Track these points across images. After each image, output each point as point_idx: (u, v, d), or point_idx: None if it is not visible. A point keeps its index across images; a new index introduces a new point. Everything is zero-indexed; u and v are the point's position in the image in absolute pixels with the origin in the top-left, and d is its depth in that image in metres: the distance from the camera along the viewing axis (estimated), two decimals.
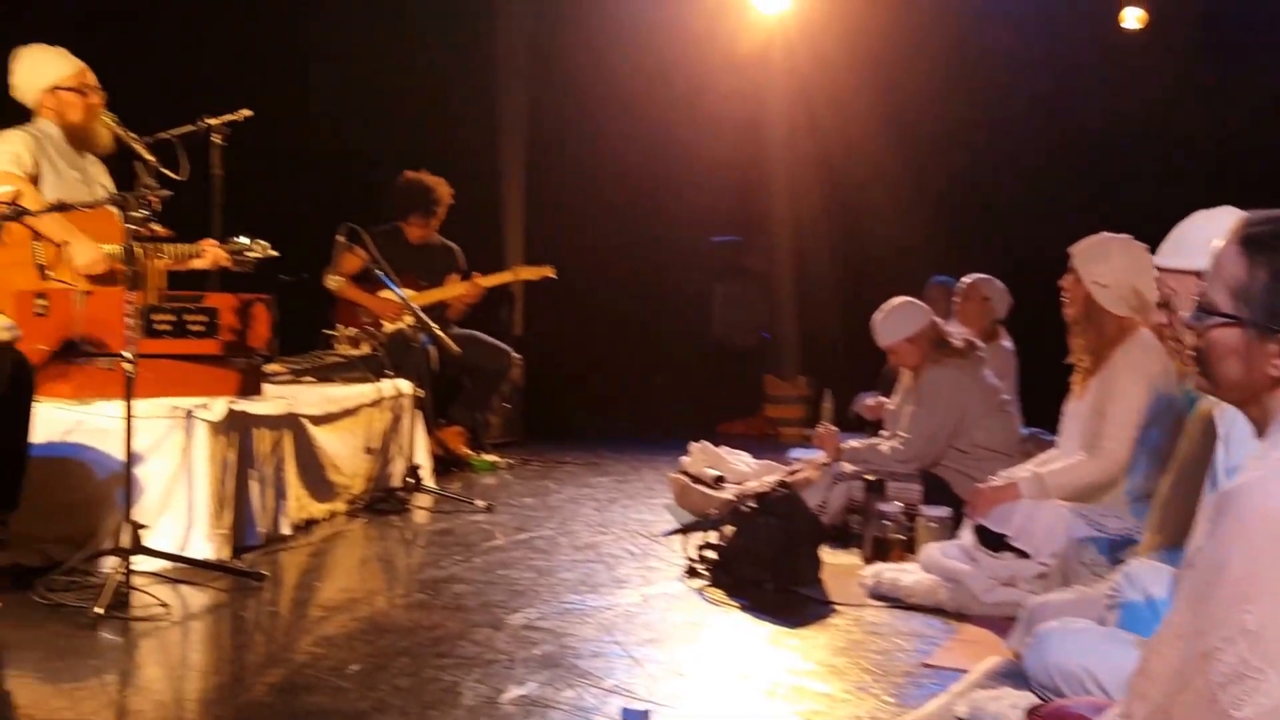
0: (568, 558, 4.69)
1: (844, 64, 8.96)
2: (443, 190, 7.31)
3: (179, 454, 4.30)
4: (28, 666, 3.22)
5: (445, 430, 7.24)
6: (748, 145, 9.45)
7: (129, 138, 4.60)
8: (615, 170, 9.39)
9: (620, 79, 9.10)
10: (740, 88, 9.20)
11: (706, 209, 9.66)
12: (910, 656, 3.46)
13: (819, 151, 9.36)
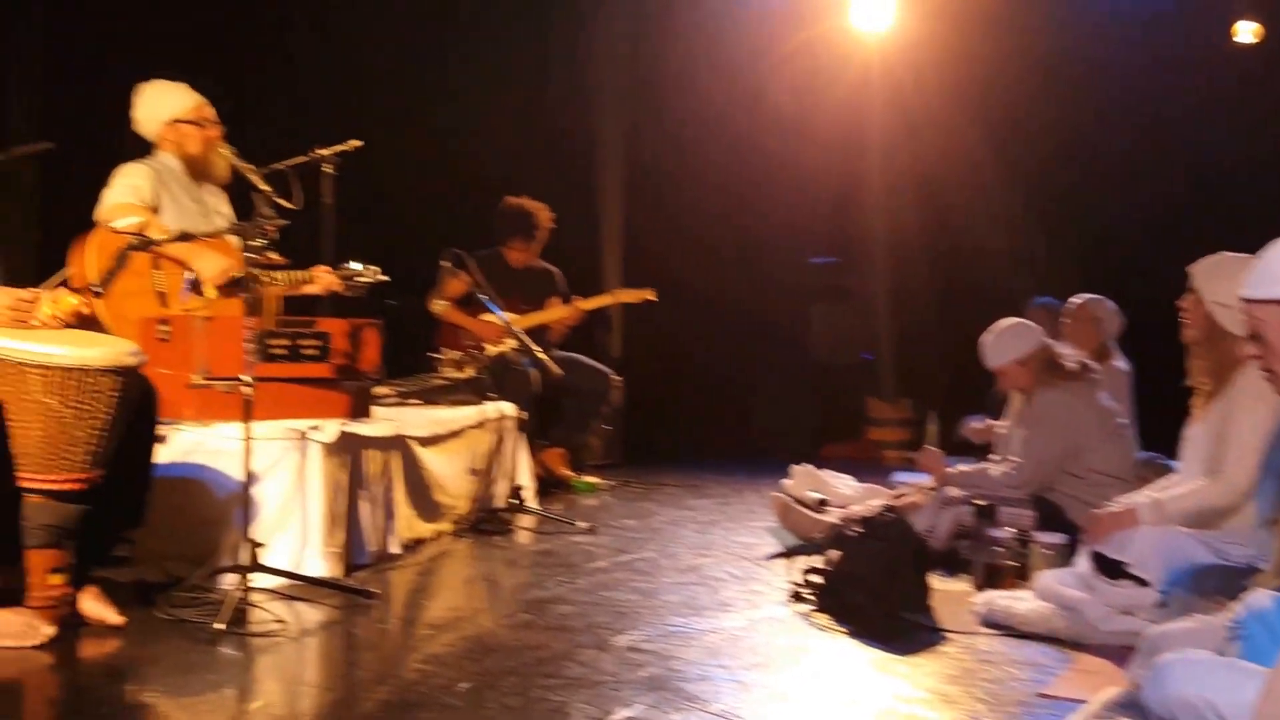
0: (671, 580, 4.71)
1: (944, 83, 8.90)
2: (543, 215, 7.42)
3: (294, 474, 4.42)
4: (152, 680, 3.32)
5: (547, 452, 7.32)
6: (846, 166, 9.43)
7: (245, 168, 4.74)
8: (713, 193, 9.42)
9: (717, 103, 9.13)
10: (839, 108, 9.19)
11: (805, 230, 9.68)
12: (1025, 686, 3.43)
13: (919, 171, 9.32)
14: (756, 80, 9.09)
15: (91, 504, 3.66)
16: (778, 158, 9.23)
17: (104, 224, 4.83)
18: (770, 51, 8.96)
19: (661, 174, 9.44)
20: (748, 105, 9.12)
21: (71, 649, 3.54)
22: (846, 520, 4.59)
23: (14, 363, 3.48)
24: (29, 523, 3.55)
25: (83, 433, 3.56)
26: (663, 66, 9.38)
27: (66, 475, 3.57)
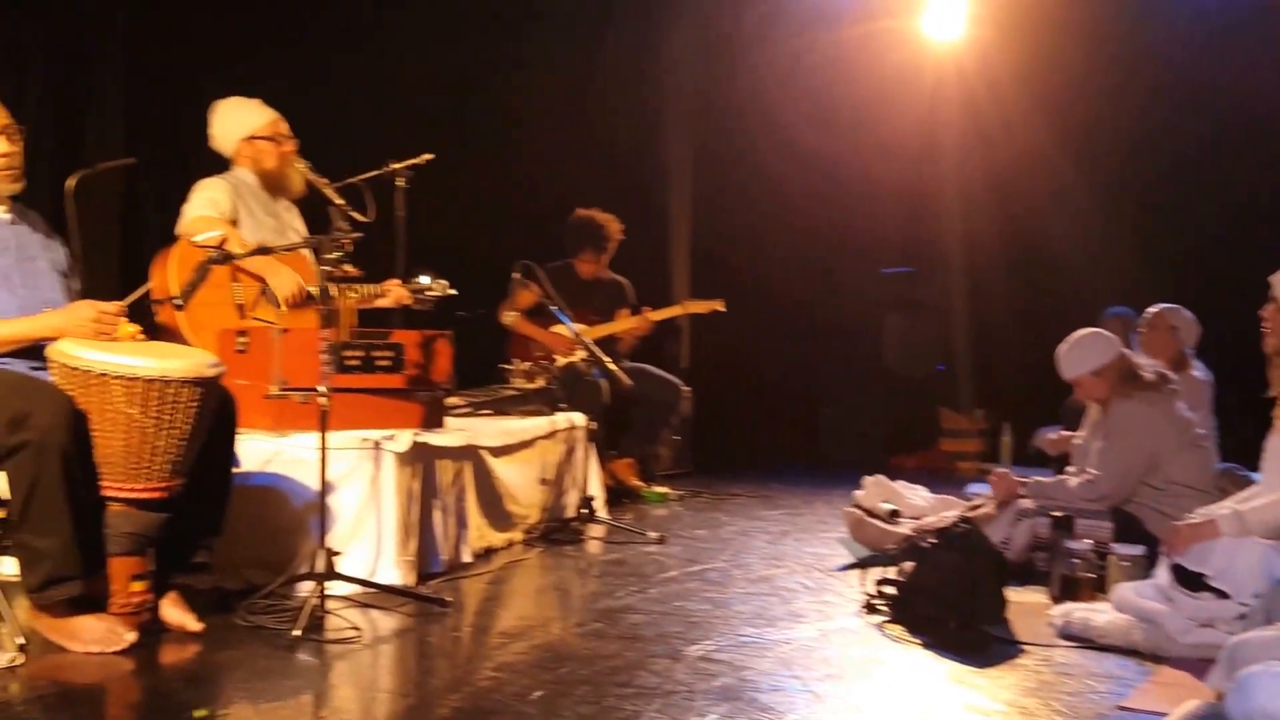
0: (742, 590, 4.72)
1: (1018, 89, 8.84)
2: (613, 227, 7.47)
3: (368, 484, 4.49)
4: (230, 686, 3.38)
5: (616, 462, 7.36)
6: (919, 175, 9.38)
7: (320, 183, 4.82)
8: (783, 203, 9.42)
9: (788, 111, 9.13)
10: (911, 117, 9.15)
11: (877, 240, 9.64)
12: (1104, 699, 3.40)
13: (993, 180, 9.25)
14: (827, 90, 9.07)
15: (172, 512, 3.75)
16: (849, 167, 9.20)
17: (185, 238, 4.94)
18: (841, 60, 8.95)
19: (730, 184, 9.46)
20: (818, 115, 9.11)
21: (152, 654, 3.62)
22: (920, 531, 4.58)
23: (98, 374, 3.57)
24: (112, 530, 3.64)
25: (164, 442, 3.64)
26: (732, 78, 9.40)
27: (148, 484, 3.66)
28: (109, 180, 6.13)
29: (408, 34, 8.03)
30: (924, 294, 9.93)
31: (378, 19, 7.92)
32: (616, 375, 5.93)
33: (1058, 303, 8.63)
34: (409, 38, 8.03)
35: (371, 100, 7.83)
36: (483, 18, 8.44)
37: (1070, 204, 8.91)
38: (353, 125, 7.39)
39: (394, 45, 7.98)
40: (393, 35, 7.98)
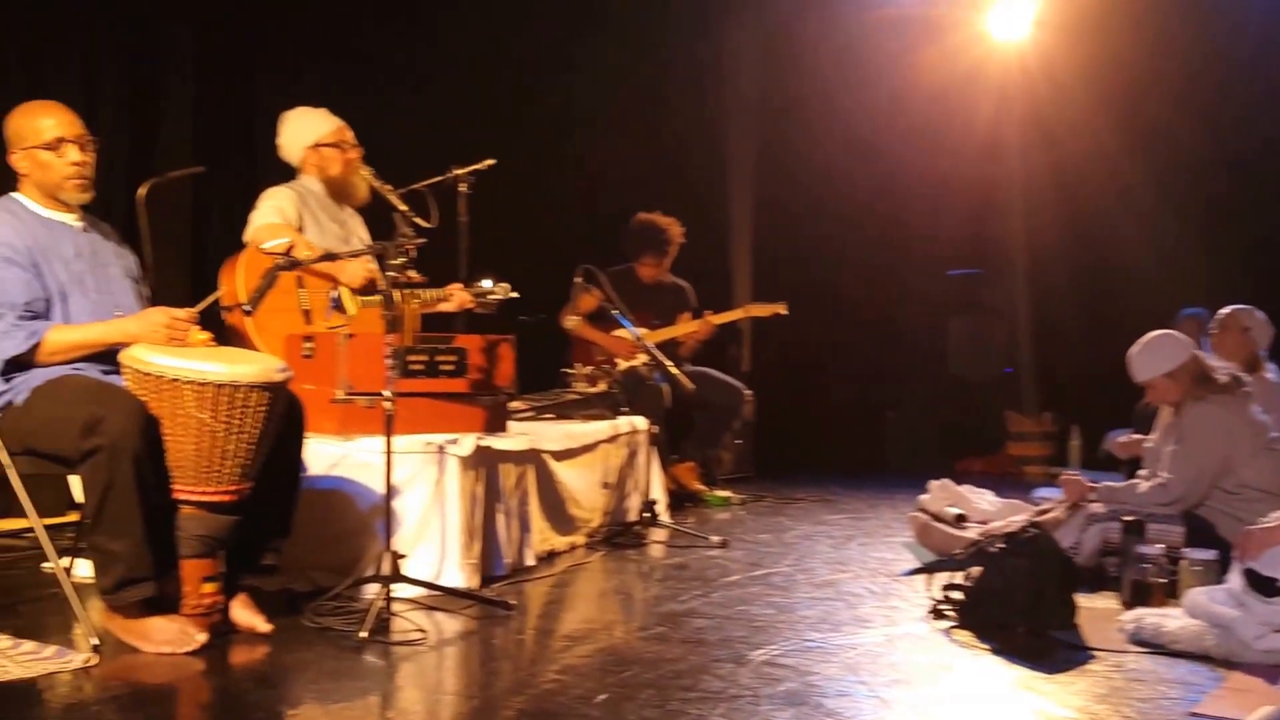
0: (807, 595, 4.70)
1: (1084, 89, 8.76)
2: (674, 230, 7.48)
3: (432, 487, 4.53)
4: (299, 686, 3.43)
5: (678, 466, 7.38)
6: (984, 176, 9.32)
7: (384, 189, 4.88)
8: (846, 205, 9.39)
9: (850, 114, 9.11)
10: (976, 118, 9.10)
11: (942, 242, 9.58)
12: (1177, 705, 3.36)
13: (1058, 180, 9.17)
14: (890, 91, 9.04)
15: (242, 515, 3.80)
16: (914, 168, 9.17)
17: (252, 245, 5.02)
18: (904, 62, 8.91)
19: (792, 186, 9.44)
20: (882, 116, 9.08)
21: (223, 655, 3.68)
22: (987, 536, 4.54)
23: (169, 379, 3.63)
24: (183, 533, 3.71)
25: (233, 446, 3.70)
26: (794, 77, 9.38)
27: (218, 487, 3.72)
28: (179, 189, 6.24)
29: (468, 39, 8.10)
30: (990, 296, 9.86)
31: (439, 25, 7.98)
32: (678, 379, 5.94)
33: (1126, 304, 8.56)
34: (469, 43, 8.09)
35: (432, 106, 7.89)
36: (542, 20, 8.48)
37: (1137, 204, 8.81)
38: (414, 131, 7.46)
39: (455, 50, 8.04)
40: (453, 41, 8.04)
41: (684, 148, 9.17)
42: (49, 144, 3.93)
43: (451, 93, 8.02)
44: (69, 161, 3.95)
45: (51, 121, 3.95)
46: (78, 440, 3.51)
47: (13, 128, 3.98)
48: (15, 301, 3.77)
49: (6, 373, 3.76)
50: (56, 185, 3.96)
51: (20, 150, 3.96)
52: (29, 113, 3.99)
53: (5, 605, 4.21)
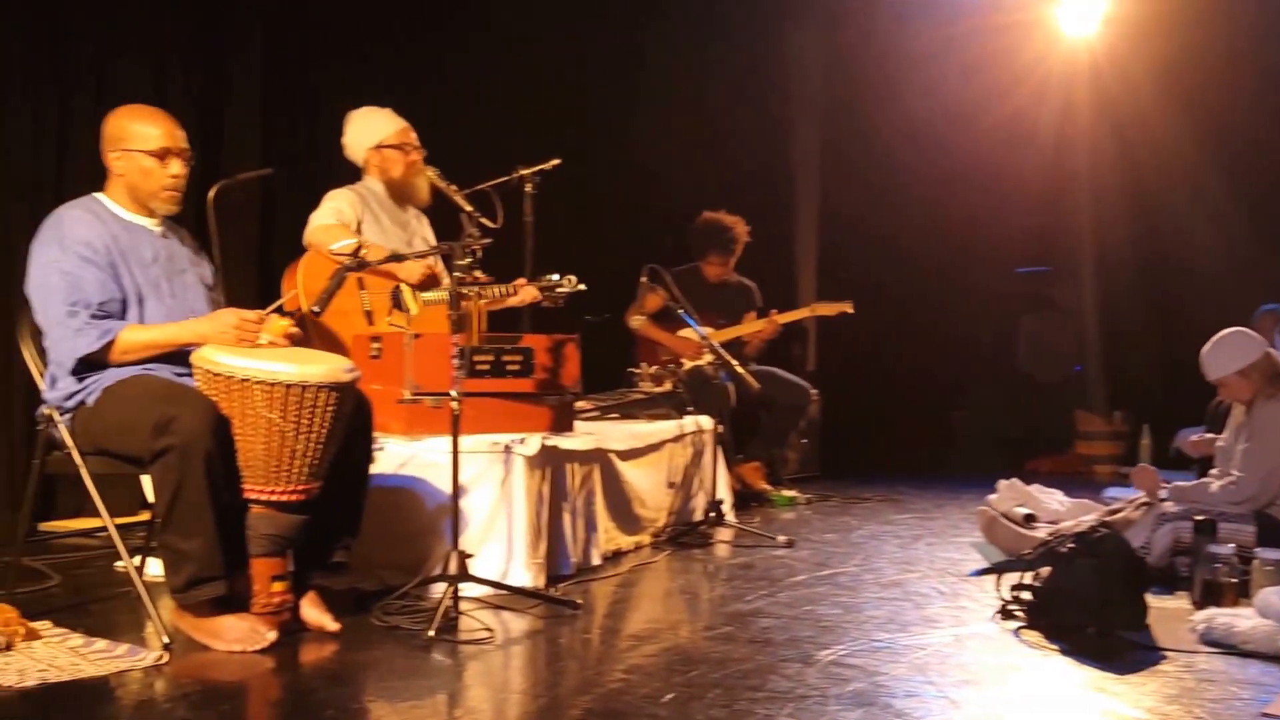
0: (874, 595, 4.67)
1: (1155, 85, 8.66)
2: (740, 229, 7.47)
3: (499, 487, 4.55)
4: (368, 685, 3.45)
5: (744, 465, 7.36)
6: (1053, 173, 9.24)
7: (449, 190, 4.90)
8: (912, 203, 9.34)
9: (916, 110, 9.05)
10: (1045, 114, 9.02)
11: (1010, 240, 9.51)
12: (1249, 706, 3.31)
13: (1128, 177, 9.08)
14: (958, 87, 8.97)
15: (311, 514, 3.83)
16: (981, 166, 9.10)
17: (315, 246, 5.07)
18: (972, 58, 8.84)
19: (858, 184, 9.40)
20: (948, 112, 9.01)
21: (292, 653, 3.71)
22: (1057, 536, 4.50)
23: (240, 379, 3.67)
24: (253, 532, 3.75)
25: (302, 446, 3.73)
26: (860, 73, 9.34)
27: (287, 487, 3.75)
28: (246, 190, 6.30)
29: (533, 39, 8.12)
30: (1060, 294, 9.78)
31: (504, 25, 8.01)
32: (744, 378, 5.93)
33: (1196, 301, 8.45)
34: (534, 42, 8.11)
35: (496, 105, 7.93)
36: (606, 19, 8.49)
37: (1208, 200, 8.69)
38: (476, 131, 7.49)
39: (519, 50, 8.06)
40: (518, 40, 8.07)
41: (749, 146, 9.16)
42: (154, 153, 3.95)
43: (516, 92, 8.05)
44: (170, 174, 3.98)
45: (160, 131, 3.97)
46: (149, 440, 3.54)
47: (117, 127, 3.99)
48: (91, 300, 3.81)
49: (79, 372, 3.81)
50: (151, 194, 4.00)
51: (121, 150, 3.97)
52: (138, 116, 4.01)
53: (78, 604, 4.27)
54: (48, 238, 3.88)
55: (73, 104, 5.85)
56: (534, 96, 8.08)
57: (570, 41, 8.30)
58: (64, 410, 3.86)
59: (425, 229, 5.60)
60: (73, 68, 5.90)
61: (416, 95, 6.79)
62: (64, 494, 5.89)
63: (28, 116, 5.75)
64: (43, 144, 5.78)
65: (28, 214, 5.35)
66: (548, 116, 7.92)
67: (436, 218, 5.66)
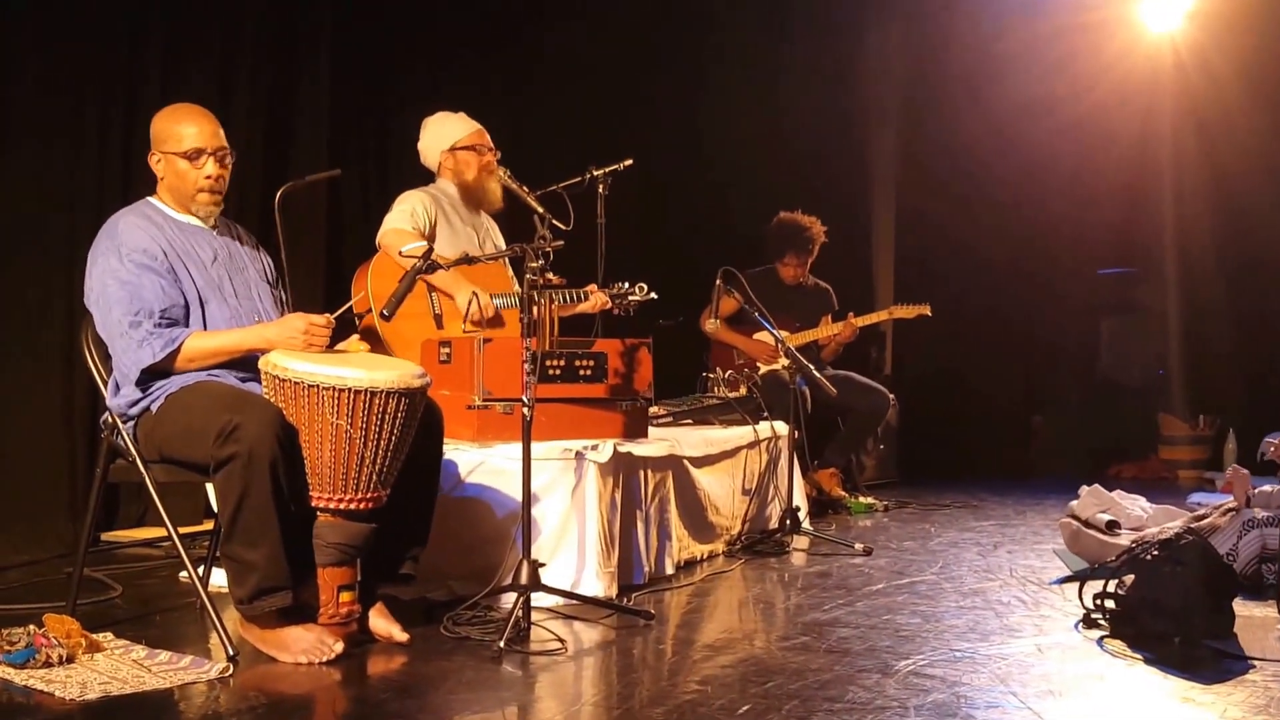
0: (954, 604, 4.58)
1: (1239, 82, 8.50)
2: (817, 229, 7.39)
3: (570, 494, 4.49)
4: (437, 697, 3.40)
5: (820, 472, 7.29)
6: (1136, 171, 9.11)
7: (521, 191, 4.87)
8: (991, 203, 9.24)
9: (996, 109, 8.96)
10: (1126, 112, 8.88)
11: (1091, 240, 9.38)
12: None
13: (1213, 175, 8.92)
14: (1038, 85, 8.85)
15: (379, 523, 3.79)
16: (1062, 164, 8.99)
17: (386, 249, 5.06)
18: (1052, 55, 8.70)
19: (936, 184, 9.31)
20: (1028, 110, 8.89)
21: (360, 665, 3.67)
22: (1141, 543, 4.39)
23: (308, 385, 3.63)
24: (320, 541, 3.70)
25: (371, 453, 3.70)
26: (938, 71, 9.25)
27: (355, 495, 3.72)
28: (313, 191, 6.32)
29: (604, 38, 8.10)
30: (1143, 296, 9.62)
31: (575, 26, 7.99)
32: (820, 383, 5.84)
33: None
34: (605, 42, 8.09)
35: (568, 106, 7.92)
36: (678, 18, 8.45)
37: None
38: (547, 132, 7.48)
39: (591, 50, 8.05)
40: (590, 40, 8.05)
41: (825, 145, 9.09)
42: (187, 153, 3.94)
43: (587, 92, 8.03)
44: (204, 174, 3.95)
45: (194, 130, 3.95)
46: (213, 448, 3.50)
47: (157, 129, 3.99)
48: (153, 309, 3.78)
49: (143, 381, 3.79)
50: (188, 196, 3.98)
51: (160, 153, 3.98)
52: (174, 117, 4.00)
53: (142, 615, 4.27)
54: (105, 247, 3.86)
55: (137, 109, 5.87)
56: (605, 96, 8.06)
57: (642, 39, 8.26)
58: (127, 418, 3.84)
59: (496, 235, 5.57)
60: (137, 68, 5.94)
61: (488, 96, 6.80)
62: (126, 503, 5.94)
63: (93, 121, 5.79)
64: (107, 153, 5.82)
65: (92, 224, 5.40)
66: (619, 116, 7.91)
67: (507, 221, 5.63)
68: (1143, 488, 6.32)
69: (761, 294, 6.14)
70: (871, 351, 9.11)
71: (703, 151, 8.71)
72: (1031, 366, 9.72)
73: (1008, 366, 9.65)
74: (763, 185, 8.49)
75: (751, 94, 8.75)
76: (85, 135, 5.77)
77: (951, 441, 9.39)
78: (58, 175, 5.69)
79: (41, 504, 5.55)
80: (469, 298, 5.02)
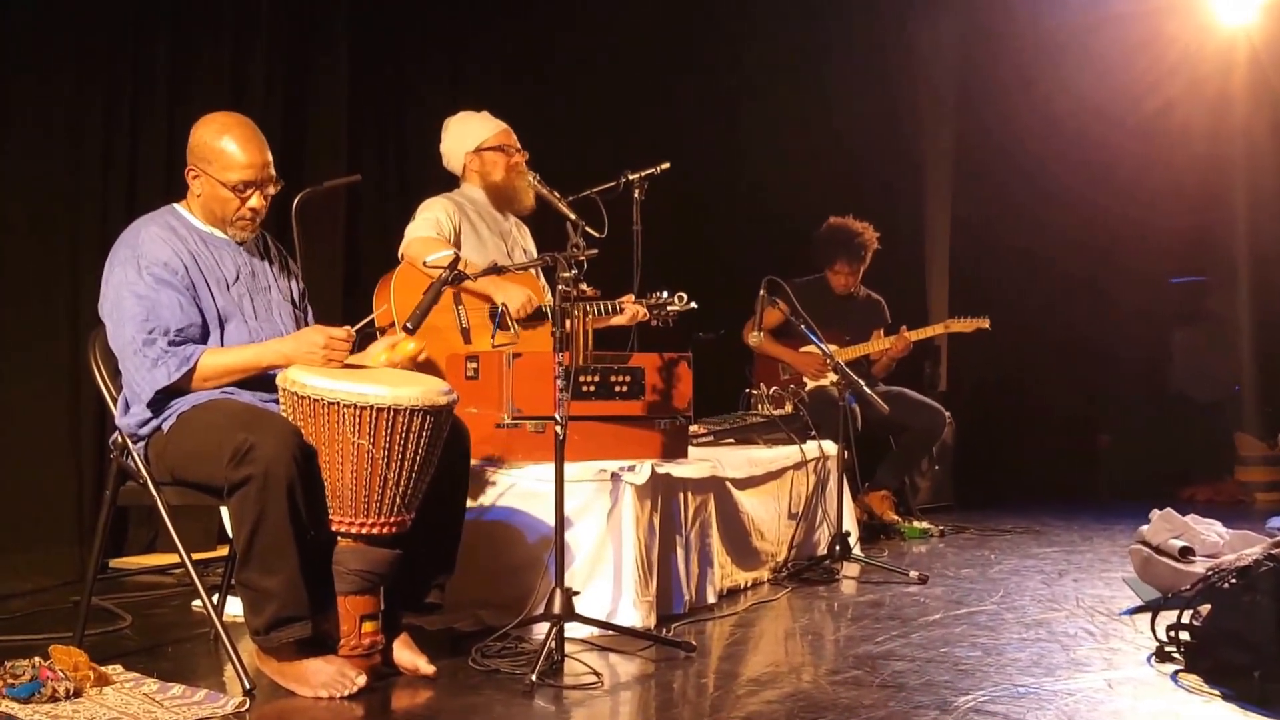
0: (1016, 635, 4.54)
1: None
2: (870, 235, 7.36)
3: (606, 518, 4.48)
4: None
5: (871, 494, 7.27)
6: (1207, 172, 9.04)
7: (551, 196, 4.86)
8: (1053, 207, 9.22)
9: (1057, 106, 8.95)
10: (1197, 108, 8.83)
11: (1161, 247, 9.34)
12: None
13: None
14: (1102, 80, 8.82)
15: (403, 549, 3.79)
16: (1128, 164, 8.95)
17: (406, 260, 5.06)
18: (1120, 46, 8.67)
19: (993, 187, 9.30)
20: (1092, 108, 8.87)
21: (384, 699, 3.66)
22: (1217, 570, 4.34)
23: (327, 402, 3.63)
24: (341, 568, 3.69)
25: (394, 474, 3.69)
26: (995, 67, 9.23)
27: (378, 519, 3.71)
28: (333, 199, 6.34)
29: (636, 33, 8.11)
30: (1216, 305, 9.56)
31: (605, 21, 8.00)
32: (872, 400, 5.81)
33: None
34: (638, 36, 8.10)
35: (599, 106, 7.93)
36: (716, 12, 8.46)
37: None
38: (578, 133, 7.49)
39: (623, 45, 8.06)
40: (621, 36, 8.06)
41: (874, 146, 9.07)
42: (234, 186, 3.88)
43: (621, 91, 8.04)
44: (249, 206, 3.93)
45: (244, 159, 3.87)
46: (227, 469, 3.50)
47: (200, 144, 3.92)
48: (168, 326, 3.77)
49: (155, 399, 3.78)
50: (224, 220, 3.96)
51: (200, 171, 3.91)
52: (221, 135, 3.90)
53: (153, 646, 4.28)
54: (123, 256, 3.85)
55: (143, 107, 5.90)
56: (639, 95, 8.06)
57: (678, 33, 8.27)
58: (137, 437, 3.85)
59: (527, 239, 5.57)
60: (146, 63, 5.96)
61: (514, 95, 6.80)
62: (136, 527, 5.96)
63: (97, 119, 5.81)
64: (112, 153, 5.84)
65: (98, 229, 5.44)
66: (655, 116, 7.90)
67: (535, 230, 5.64)
68: (1218, 512, 6.25)
69: (809, 305, 6.11)
70: (925, 366, 9.08)
71: (744, 153, 8.70)
72: (1097, 382, 9.66)
73: (1071, 382, 9.60)
74: (808, 189, 8.47)
75: (795, 92, 8.75)
76: (88, 134, 5.78)
77: (1011, 462, 9.37)
78: (58, 177, 5.71)
79: (47, 528, 5.57)
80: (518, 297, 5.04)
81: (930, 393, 8.12)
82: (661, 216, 5.70)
